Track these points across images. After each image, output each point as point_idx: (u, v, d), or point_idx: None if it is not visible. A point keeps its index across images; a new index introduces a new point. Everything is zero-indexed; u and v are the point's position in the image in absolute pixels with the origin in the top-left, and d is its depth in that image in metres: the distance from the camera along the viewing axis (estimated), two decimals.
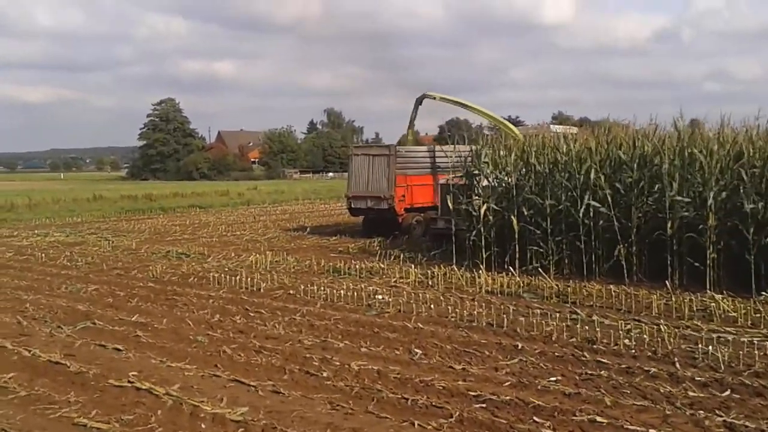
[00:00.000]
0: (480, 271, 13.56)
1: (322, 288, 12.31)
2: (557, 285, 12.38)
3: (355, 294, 11.71)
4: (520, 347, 8.43)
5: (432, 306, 10.77)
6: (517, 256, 14.15)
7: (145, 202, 40.62)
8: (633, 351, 8.26)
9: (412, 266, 14.45)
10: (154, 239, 21.80)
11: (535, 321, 9.60)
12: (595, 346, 8.48)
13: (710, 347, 8.10)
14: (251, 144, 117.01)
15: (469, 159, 15.76)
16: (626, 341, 8.57)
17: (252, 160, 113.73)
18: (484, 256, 14.51)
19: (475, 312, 10.23)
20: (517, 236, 14.15)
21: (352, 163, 21.59)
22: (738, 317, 9.74)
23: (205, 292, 12.28)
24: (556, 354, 8.15)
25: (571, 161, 13.76)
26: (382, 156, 20.63)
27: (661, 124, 14.39)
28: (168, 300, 11.59)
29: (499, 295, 11.96)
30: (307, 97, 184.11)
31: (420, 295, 11.73)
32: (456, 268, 14.15)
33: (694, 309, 10.36)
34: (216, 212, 34.12)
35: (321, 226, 25.04)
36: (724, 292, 11.22)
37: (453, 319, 9.90)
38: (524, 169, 14.61)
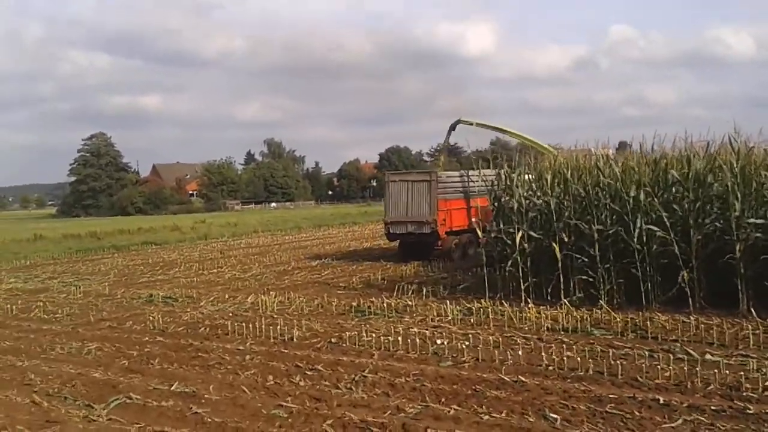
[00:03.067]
0: (526, 305, 12.28)
1: (363, 334, 10.77)
2: (622, 317, 11.18)
3: (408, 340, 10.17)
4: (662, 401, 7.07)
5: (509, 352, 9.30)
6: (562, 286, 12.91)
7: (92, 240, 37.89)
8: None
9: (447, 302, 12.98)
10: (125, 282, 19.68)
11: (643, 365, 8.31)
12: (744, 393, 7.20)
13: None
14: (188, 176, 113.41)
15: (498, 182, 14.51)
16: None
17: (190, 192, 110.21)
18: (523, 287, 13.23)
19: (565, 357, 8.85)
20: (560, 265, 12.91)
21: (388, 190, 21.64)
22: None
23: (230, 345, 10.51)
24: (713, 407, 6.82)
25: (617, 182, 12.61)
26: (423, 182, 20.84)
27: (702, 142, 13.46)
28: (195, 358, 9.77)
29: (566, 333, 10.63)
30: (240, 128, 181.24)
31: (480, 337, 10.31)
32: (493, 302, 12.85)
33: None
34: (174, 249, 31.89)
35: (303, 259, 23.32)
36: None
37: (551, 369, 8.48)
38: (563, 192, 13.39)
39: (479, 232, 14.20)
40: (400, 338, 10.30)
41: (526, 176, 14.14)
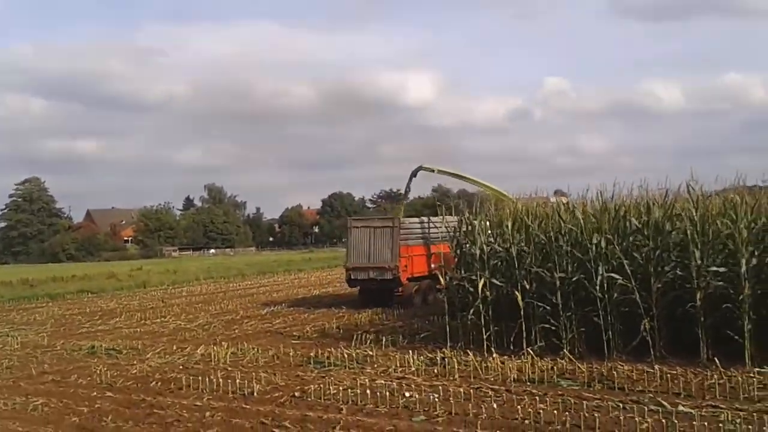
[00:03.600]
0: (489, 355, 12.08)
1: (327, 386, 10.33)
2: (587, 367, 11.07)
3: (376, 393, 9.79)
4: None
5: (482, 405, 9.02)
6: (524, 335, 12.76)
7: (24, 288, 36.13)
8: None
9: (409, 352, 12.66)
10: (64, 332, 18.73)
11: (620, 418, 8.16)
12: None
13: None
14: (124, 222, 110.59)
15: (460, 228, 14.40)
16: None
17: (125, 238, 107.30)
18: (485, 335, 13.03)
19: (539, 411, 8.63)
20: (522, 313, 12.78)
21: (351, 236, 21.56)
22: None
23: (186, 401, 9.92)
24: None
25: (580, 230, 12.63)
26: (386, 227, 20.92)
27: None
28: (151, 415, 9.17)
29: (533, 384, 10.43)
30: (180, 174, 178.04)
31: (449, 389, 10.02)
32: (455, 351, 12.62)
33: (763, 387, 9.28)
34: (112, 297, 30.69)
35: (251, 308, 22.64)
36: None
37: (527, 422, 8.23)
38: (524, 240, 13.34)
39: (441, 279, 13.99)
40: (367, 391, 9.90)
41: (486, 223, 14.06)
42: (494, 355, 12.02)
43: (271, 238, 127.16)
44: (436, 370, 11.66)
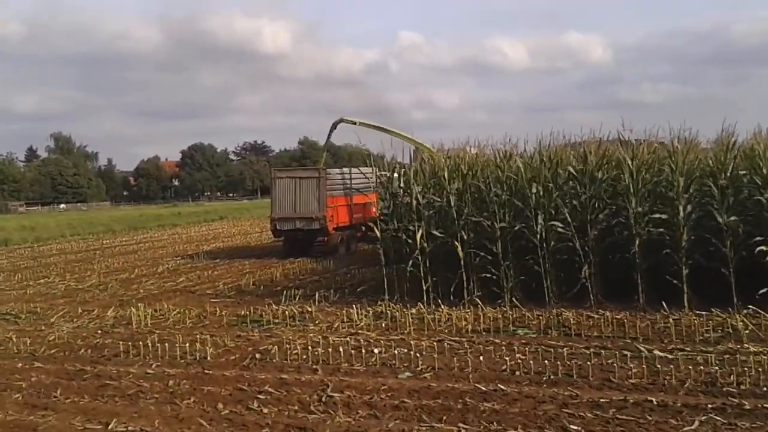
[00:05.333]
0: (436, 307, 11.90)
1: (281, 346, 9.73)
2: (535, 315, 11.16)
3: (343, 351, 9.30)
4: (657, 402, 6.90)
5: (460, 358, 8.73)
6: (464, 285, 12.67)
7: None
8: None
9: (354, 306, 12.22)
10: None
11: (600, 363, 8.24)
12: (725, 389, 7.24)
13: None
14: None
15: (391, 180, 13.96)
16: (748, 377, 7.47)
17: None
18: (425, 287, 12.82)
19: (518, 361, 8.54)
20: (463, 263, 12.65)
21: (276, 187, 21.55)
22: None
23: (135, 369, 8.94)
24: (712, 406, 6.74)
25: (520, 179, 12.59)
26: (312, 178, 21.10)
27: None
28: (104, 387, 8.13)
29: (489, 333, 10.34)
30: (18, 121, 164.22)
31: (410, 343, 9.73)
32: (393, 303, 12.35)
33: (711, 329, 9.68)
34: None
35: (143, 266, 21.18)
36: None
37: (518, 374, 8.06)
38: (460, 190, 13.13)
39: (377, 231, 13.54)
40: (330, 349, 9.39)
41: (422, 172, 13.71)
42: (441, 307, 11.83)
43: (125, 192, 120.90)
44: (384, 324, 11.31)
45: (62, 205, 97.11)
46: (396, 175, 14.22)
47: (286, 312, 12.26)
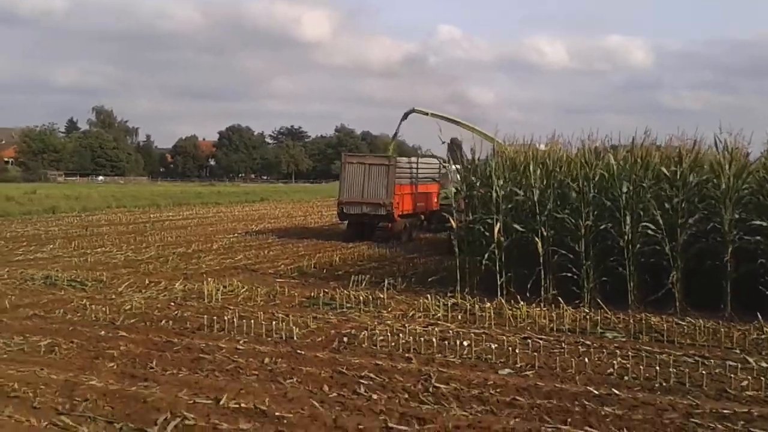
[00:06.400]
0: (516, 303, 11.52)
1: (365, 332, 9.44)
2: (622, 319, 10.75)
3: (432, 340, 9.00)
4: None
5: (562, 359, 8.36)
6: (542, 283, 12.29)
7: None
8: None
9: (429, 296, 11.91)
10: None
11: (709, 373, 7.81)
12: None
13: None
14: (3, 141, 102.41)
15: (470, 171, 13.59)
16: None
17: (5, 159, 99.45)
18: (499, 281, 12.47)
19: (621, 365, 8.15)
20: (542, 260, 12.27)
21: (345, 171, 21.74)
22: None
23: (227, 344, 8.71)
24: None
25: (612, 177, 12.15)
26: (382, 165, 21.35)
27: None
28: (198, 361, 7.91)
29: (575, 334, 9.93)
30: (59, 94, 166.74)
31: (498, 338, 9.40)
32: (465, 296, 12.00)
33: None
34: (23, 222, 28.03)
35: (198, 241, 21.07)
36: None
37: (626, 379, 7.67)
38: (545, 185, 12.72)
39: (452, 221, 13.20)
40: (416, 338, 9.10)
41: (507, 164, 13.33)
42: (520, 303, 11.46)
43: (162, 168, 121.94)
44: (460, 316, 10.98)
45: (100, 177, 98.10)
46: (481, 166, 13.82)
47: (359, 297, 12.00)
